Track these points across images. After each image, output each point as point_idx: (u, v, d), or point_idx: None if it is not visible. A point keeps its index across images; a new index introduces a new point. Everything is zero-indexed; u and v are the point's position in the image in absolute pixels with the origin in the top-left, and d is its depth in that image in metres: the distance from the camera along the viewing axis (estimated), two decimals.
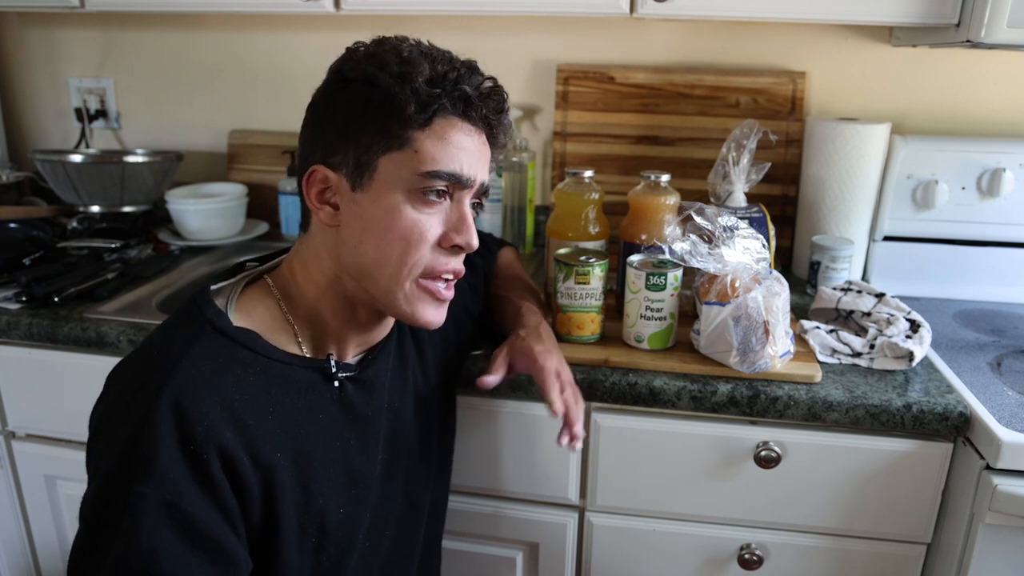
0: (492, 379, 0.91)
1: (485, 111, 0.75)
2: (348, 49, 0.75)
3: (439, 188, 0.73)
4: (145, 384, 0.65)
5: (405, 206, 0.72)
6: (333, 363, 0.78)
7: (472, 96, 0.73)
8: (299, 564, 0.73)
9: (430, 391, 0.93)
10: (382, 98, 0.71)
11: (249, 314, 0.75)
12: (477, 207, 0.79)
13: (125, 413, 0.64)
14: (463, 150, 0.73)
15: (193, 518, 0.62)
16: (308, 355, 0.77)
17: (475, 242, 0.76)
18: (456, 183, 0.74)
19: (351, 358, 0.82)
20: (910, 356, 1.01)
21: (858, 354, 1.04)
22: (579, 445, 0.88)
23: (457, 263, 0.77)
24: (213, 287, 0.77)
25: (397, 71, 0.71)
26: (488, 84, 0.75)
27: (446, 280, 0.77)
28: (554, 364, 0.91)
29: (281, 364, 0.73)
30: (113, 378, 0.70)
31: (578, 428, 0.87)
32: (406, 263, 0.74)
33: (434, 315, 0.78)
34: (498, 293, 1.07)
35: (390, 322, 0.85)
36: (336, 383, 0.78)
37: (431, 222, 0.74)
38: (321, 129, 0.75)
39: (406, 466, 0.88)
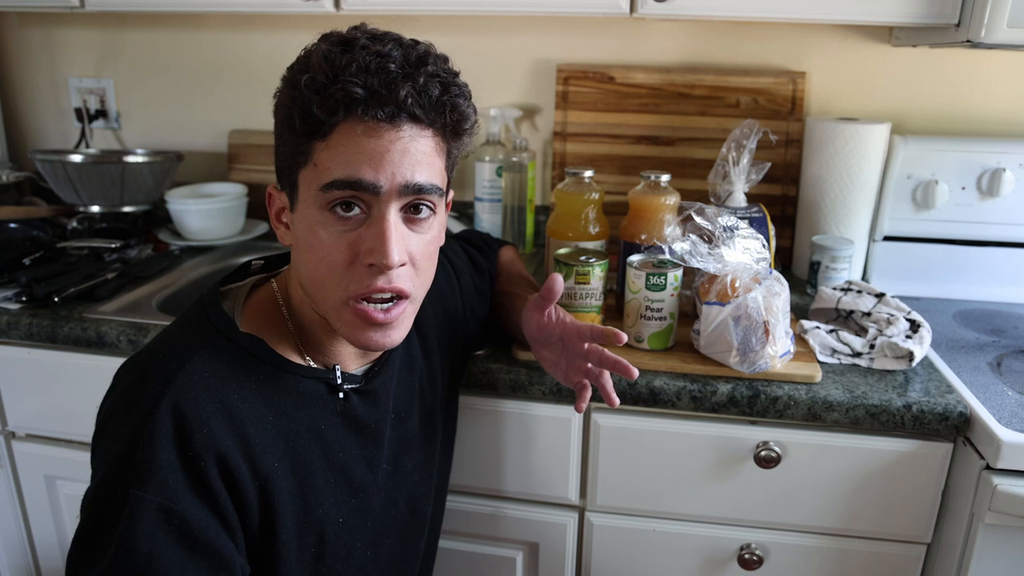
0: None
1: (393, 104, 0.64)
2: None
3: (346, 200, 0.67)
4: (147, 386, 0.65)
5: (317, 225, 0.68)
6: (339, 374, 0.77)
7: (362, 94, 0.63)
8: (298, 573, 0.73)
9: (436, 397, 0.93)
10: (283, 113, 0.68)
11: (255, 320, 0.75)
12: (423, 209, 0.70)
13: (126, 414, 0.64)
14: (364, 153, 0.65)
15: (190, 523, 0.61)
16: (313, 365, 0.77)
17: (390, 260, 0.66)
18: (363, 191, 0.66)
19: (356, 369, 0.81)
20: (910, 356, 1.01)
21: (858, 354, 1.04)
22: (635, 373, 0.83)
23: (384, 281, 0.68)
24: (221, 289, 0.76)
25: (293, 80, 0.66)
26: (400, 70, 0.65)
27: (382, 300, 0.70)
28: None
29: (285, 373, 0.73)
30: (120, 375, 0.70)
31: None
32: (327, 286, 0.69)
33: (378, 339, 0.71)
34: (504, 290, 1.07)
35: None
36: (341, 394, 0.77)
37: (345, 240, 0.67)
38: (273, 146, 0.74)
39: (409, 474, 0.88)
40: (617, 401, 0.85)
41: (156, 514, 0.60)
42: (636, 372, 0.82)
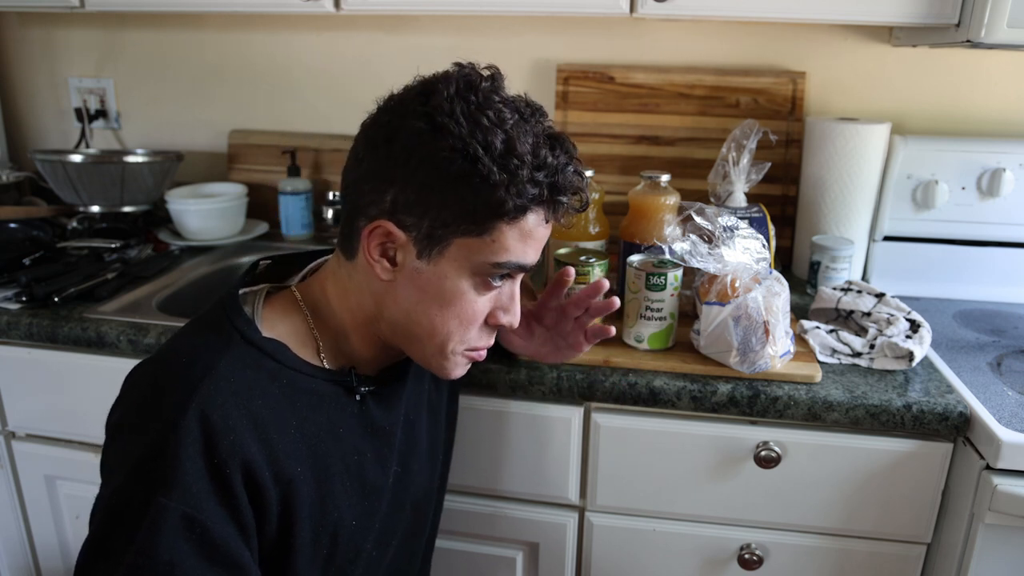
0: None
1: (574, 211, 0.74)
2: (433, 86, 0.68)
3: (504, 274, 0.73)
4: (171, 392, 0.64)
5: (469, 289, 0.72)
6: (355, 377, 0.77)
7: (566, 201, 0.71)
8: (309, 574, 0.73)
9: (440, 399, 0.94)
10: (480, 185, 0.66)
11: (276, 325, 0.75)
12: None
13: (149, 420, 0.63)
14: (537, 241, 0.72)
15: (211, 532, 0.61)
16: (330, 368, 0.77)
17: (518, 322, 0.77)
18: (521, 272, 0.74)
19: (372, 372, 0.82)
20: (910, 356, 1.01)
21: (858, 354, 1.04)
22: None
23: (493, 338, 0.79)
24: (240, 292, 0.76)
25: (501, 154, 0.66)
26: (578, 179, 0.72)
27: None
28: None
29: (306, 377, 0.73)
30: (135, 380, 0.68)
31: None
32: (453, 339, 0.74)
33: (462, 372, 0.80)
34: None
35: None
36: (358, 396, 0.78)
37: (485, 302, 0.74)
38: (393, 175, 0.68)
39: (415, 476, 0.88)
40: (617, 302, 0.86)
41: (180, 522, 0.59)
42: (616, 302, 0.86)
